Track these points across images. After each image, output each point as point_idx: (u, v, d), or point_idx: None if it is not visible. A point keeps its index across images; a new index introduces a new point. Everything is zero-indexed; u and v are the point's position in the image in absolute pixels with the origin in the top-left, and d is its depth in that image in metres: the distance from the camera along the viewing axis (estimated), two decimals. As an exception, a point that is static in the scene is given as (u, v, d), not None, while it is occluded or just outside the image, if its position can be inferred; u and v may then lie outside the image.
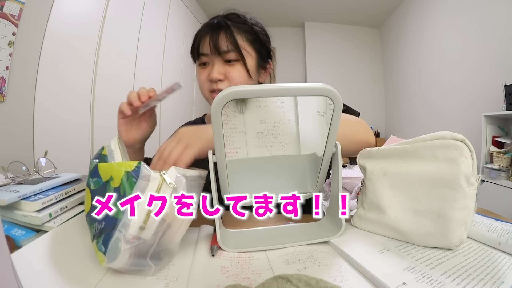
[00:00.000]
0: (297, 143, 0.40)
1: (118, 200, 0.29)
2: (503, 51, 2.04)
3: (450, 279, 0.28)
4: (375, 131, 4.09)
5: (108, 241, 0.28)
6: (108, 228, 0.29)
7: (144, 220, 0.29)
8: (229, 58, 0.58)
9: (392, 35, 3.87)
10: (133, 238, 0.28)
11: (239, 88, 0.30)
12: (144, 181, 0.30)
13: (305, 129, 0.38)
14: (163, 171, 0.31)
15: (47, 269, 0.29)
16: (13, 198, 0.36)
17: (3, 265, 0.16)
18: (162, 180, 0.31)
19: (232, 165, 0.38)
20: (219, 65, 0.58)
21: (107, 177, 0.31)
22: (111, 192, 0.30)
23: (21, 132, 1.34)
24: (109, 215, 0.30)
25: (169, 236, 0.32)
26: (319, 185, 0.42)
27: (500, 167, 1.85)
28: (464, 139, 0.34)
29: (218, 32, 0.57)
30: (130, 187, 0.30)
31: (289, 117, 0.39)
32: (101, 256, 0.29)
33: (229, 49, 0.57)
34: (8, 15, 1.25)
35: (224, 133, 0.32)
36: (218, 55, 0.58)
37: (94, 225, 0.31)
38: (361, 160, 0.44)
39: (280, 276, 0.26)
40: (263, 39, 0.63)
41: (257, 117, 0.39)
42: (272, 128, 0.40)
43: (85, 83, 1.71)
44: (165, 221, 0.30)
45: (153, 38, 2.46)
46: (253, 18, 0.64)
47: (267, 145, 0.40)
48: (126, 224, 0.28)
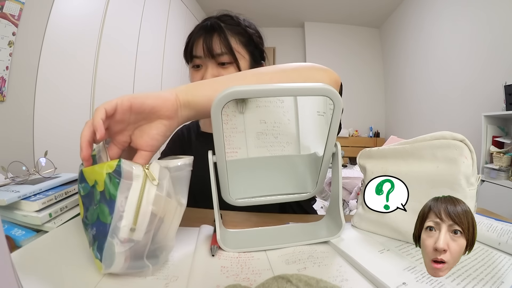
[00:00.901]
0: (297, 143, 0.40)
1: (104, 205, 0.29)
2: (503, 51, 2.04)
3: (450, 279, 0.28)
4: (375, 131, 4.09)
5: (102, 248, 0.28)
6: (100, 234, 0.29)
7: (133, 222, 0.28)
8: (223, 61, 0.58)
9: (392, 35, 3.87)
10: (125, 241, 0.28)
11: (239, 88, 0.30)
12: (127, 180, 0.29)
13: (305, 129, 0.38)
14: (146, 166, 0.30)
15: (47, 269, 0.29)
16: (13, 198, 0.36)
17: (3, 265, 0.16)
18: (145, 176, 0.29)
19: (232, 165, 0.38)
20: (212, 68, 0.58)
21: (92, 182, 0.30)
22: (98, 196, 0.29)
23: (21, 132, 1.34)
24: (100, 220, 0.29)
25: (163, 232, 0.31)
26: (319, 185, 0.42)
27: (500, 167, 1.85)
28: (464, 139, 0.34)
29: (212, 35, 0.57)
30: (114, 188, 0.28)
31: (289, 117, 0.39)
32: (99, 263, 0.28)
33: (223, 52, 0.57)
34: (8, 15, 1.25)
35: (224, 133, 0.32)
36: (211, 58, 0.57)
37: (88, 231, 0.31)
38: (361, 160, 0.44)
39: (280, 276, 0.26)
40: (256, 41, 0.63)
41: (257, 117, 0.39)
42: (272, 128, 0.40)
43: (85, 83, 1.71)
44: (156, 216, 0.29)
45: (153, 38, 2.46)
46: (246, 19, 0.64)
47: (267, 145, 0.40)
48: (117, 228, 0.28)
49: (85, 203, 0.32)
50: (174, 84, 2.84)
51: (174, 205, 0.32)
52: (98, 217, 0.29)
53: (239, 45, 0.59)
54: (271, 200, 0.42)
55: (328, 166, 0.40)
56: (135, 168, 0.29)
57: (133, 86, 2.18)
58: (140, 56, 2.24)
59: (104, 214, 0.29)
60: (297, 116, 0.39)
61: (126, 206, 0.28)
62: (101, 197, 0.29)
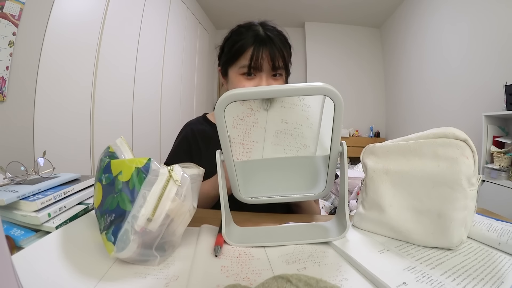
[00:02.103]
0: (314, 147, 0.41)
1: (126, 194, 0.31)
2: (503, 50, 2.04)
3: (450, 279, 0.28)
4: (376, 131, 4.09)
5: (118, 232, 0.30)
6: (118, 220, 0.31)
7: (151, 213, 0.30)
8: (277, 73, 0.61)
9: (393, 35, 3.87)
10: (141, 229, 0.30)
11: (239, 91, 0.32)
12: (153, 176, 0.32)
13: (325, 135, 0.38)
14: (171, 168, 0.33)
15: (47, 270, 0.29)
16: (12, 198, 0.36)
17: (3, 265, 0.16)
18: (169, 176, 0.32)
19: (245, 165, 0.40)
20: (267, 79, 0.61)
21: (117, 172, 0.34)
22: (120, 185, 0.32)
23: (21, 132, 1.34)
24: (119, 207, 0.31)
25: (172, 229, 0.33)
26: (328, 185, 0.42)
27: (501, 167, 1.85)
28: (466, 139, 0.34)
29: (273, 48, 0.59)
30: (139, 182, 0.32)
31: (312, 122, 0.40)
32: (111, 246, 0.30)
33: (280, 66, 0.60)
34: (8, 15, 1.25)
35: (245, 126, 0.36)
36: (270, 70, 0.60)
37: (104, 218, 0.33)
38: (365, 156, 0.44)
39: (280, 276, 0.26)
40: (290, 55, 0.66)
41: (279, 116, 0.40)
42: (293, 129, 0.40)
43: (85, 83, 1.71)
44: (169, 216, 0.32)
45: (153, 38, 2.46)
46: (282, 31, 0.66)
47: (283, 144, 0.41)
48: (135, 216, 0.30)
49: (105, 192, 0.34)
50: (174, 84, 2.84)
51: (188, 207, 0.34)
52: (118, 204, 0.32)
53: (287, 59, 0.63)
54: (284, 200, 0.44)
55: (335, 165, 0.41)
56: (162, 168, 0.33)
57: (133, 86, 2.18)
58: (140, 55, 2.24)
59: (124, 202, 0.31)
60: (320, 122, 0.39)
61: (148, 198, 0.31)
62: (123, 187, 0.32)
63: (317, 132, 0.40)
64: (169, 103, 2.74)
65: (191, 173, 0.37)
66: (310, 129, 0.40)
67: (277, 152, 0.41)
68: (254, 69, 0.59)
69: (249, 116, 0.38)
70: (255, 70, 0.59)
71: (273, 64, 0.59)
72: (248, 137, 0.40)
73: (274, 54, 0.59)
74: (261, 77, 0.60)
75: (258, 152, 0.41)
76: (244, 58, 0.59)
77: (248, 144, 0.40)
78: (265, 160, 0.41)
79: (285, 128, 0.40)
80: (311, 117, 0.39)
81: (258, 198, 0.43)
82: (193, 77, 3.38)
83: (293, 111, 0.39)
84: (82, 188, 0.47)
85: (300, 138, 0.40)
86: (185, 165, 0.41)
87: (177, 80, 2.91)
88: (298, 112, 0.39)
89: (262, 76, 0.60)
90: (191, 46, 3.26)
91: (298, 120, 0.40)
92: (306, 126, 0.40)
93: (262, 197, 0.43)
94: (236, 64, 0.61)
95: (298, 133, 0.40)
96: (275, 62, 0.59)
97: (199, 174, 0.40)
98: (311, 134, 0.40)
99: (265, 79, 0.60)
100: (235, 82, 0.62)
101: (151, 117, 2.42)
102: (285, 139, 0.40)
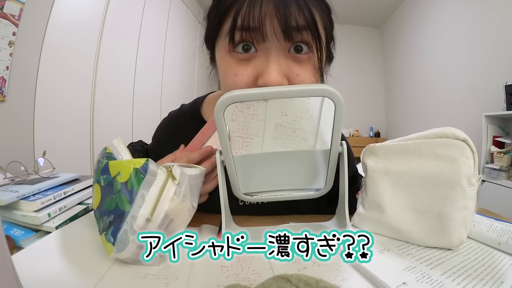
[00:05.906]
0: (314, 140, 0.40)
1: (125, 194, 0.31)
2: (503, 51, 2.04)
3: (450, 279, 0.28)
4: (376, 131, 4.09)
5: (117, 233, 0.30)
6: (117, 221, 0.31)
7: (150, 213, 0.30)
8: (300, 42, 0.35)
9: (393, 35, 3.87)
10: (140, 229, 0.30)
11: (238, 92, 0.31)
12: (151, 176, 0.32)
13: (325, 129, 0.38)
14: (169, 167, 0.33)
15: (47, 270, 0.29)
16: (12, 198, 0.36)
17: (3, 265, 0.16)
18: (168, 176, 0.32)
19: (244, 160, 0.39)
20: (280, 60, 0.36)
21: (115, 173, 0.33)
22: (118, 186, 0.32)
23: (21, 132, 1.34)
24: (118, 208, 0.31)
25: (172, 229, 0.33)
26: (328, 184, 0.42)
27: (501, 167, 1.85)
28: (466, 139, 0.34)
29: None
30: (138, 182, 0.32)
31: (312, 114, 0.38)
32: (110, 246, 0.30)
33: (302, 27, 0.34)
34: (8, 15, 1.25)
35: (245, 118, 0.35)
36: (283, 39, 0.34)
37: (103, 219, 0.33)
38: (365, 156, 0.44)
39: (280, 276, 0.26)
40: (332, 24, 0.41)
41: (279, 108, 0.38)
42: (292, 122, 0.39)
43: (85, 83, 1.71)
44: (168, 216, 0.32)
45: (153, 38, 2.47)
46: None
47: (283, 137, 0.40)
48: (134, 216, 0.30)
49: (104, 193, 0.34)
50: (174, 84, 2.84)
51: (187, 207, 0.34)
52: (117, 205, 0.32)
53: (321, 24, 0.37)
54: (283, 198, 0.43)
55: (335, 165, 0.41)
56: (160, 168, 0.33)
57: (133, 86, 2.18)
58: (140, 55, 2.24)
59: (123, 202, 0.31)
60: (320, 114, 0.38)
61: (147, 198, 0.31)
62: (121, 187, 0.32)
63: (316, 126, 0.39)
64: (169, 103, 2.74)
65: (190, 172, 0.37)
66: (310, 122, 0.39)
67: (277, 146, 0.40)
68: (252, 35, 0.34)
69: (248, 107, 0.37)
70: (254, 39, 0.34)
71: (286, 23, 0.33)
72: (247, 130, 0.39)
73: (287, 7, 0.33)
74: (267, 55, 0.35)
75: (257, 146, 0.40)
76: (231, 17, 0.35)
77: (247, 137, 0.39)
78: (265, 154, 0.41)
79: (284, 121, 0.39)
80: (311, 109, 0.39)
81: (258, 196, 0.43)
82: (193, 77, 3.38)
83: (293, 102, 0.38)
84: (82, 188, 0.47)
85: (300, 131, 0.40)
86: (185, 164, 0.41)
87: (177, 79, 2.91)
88: (297, 103, 0.38)
89: (269, 52, 0.35)
90: (191, 46, 3.27)
91: (297, 112, 0.39)
92: (306, 118, 0.39)
93: (261, 194, 0.43)
94: (221, 32, 0.38)
95: (298, 126, 0.40)
96: (290, 20, 0.33)
97: (201, 173, 0.40)
98: (311, 127, 0.40)
99: (277, 59, 0.35)
100: (222, 68, 0.39)
101: (151, 117, 2.42)
102: (285, 132, 0.40)
